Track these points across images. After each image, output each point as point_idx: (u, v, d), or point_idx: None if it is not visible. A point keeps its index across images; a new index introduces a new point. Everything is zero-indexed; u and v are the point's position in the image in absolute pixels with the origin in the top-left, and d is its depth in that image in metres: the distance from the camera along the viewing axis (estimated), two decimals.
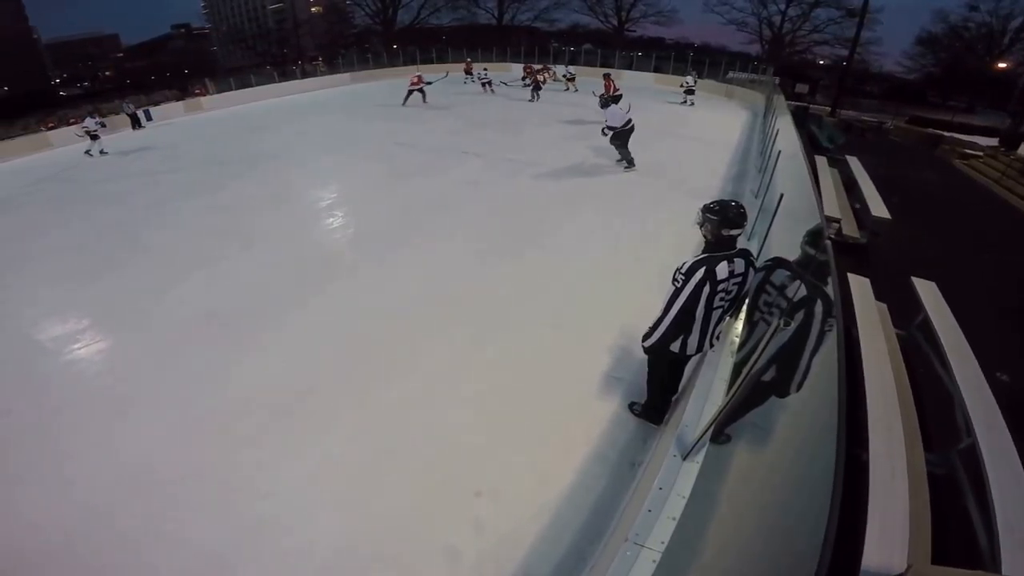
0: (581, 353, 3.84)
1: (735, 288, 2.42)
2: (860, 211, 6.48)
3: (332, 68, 24.79)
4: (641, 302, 4.32)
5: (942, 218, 8.07)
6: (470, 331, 4.22)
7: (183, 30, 69.01)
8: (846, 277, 3.88)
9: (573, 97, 17.26)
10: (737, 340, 2.65)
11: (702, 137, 11.27)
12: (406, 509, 2.71)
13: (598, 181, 8.04)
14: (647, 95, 17.91)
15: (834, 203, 6.12)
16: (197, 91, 19.95)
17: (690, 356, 2.63)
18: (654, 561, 1.98)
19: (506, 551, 2.46)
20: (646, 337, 2.64)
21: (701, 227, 2.47)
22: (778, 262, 2.49)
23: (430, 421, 3.30)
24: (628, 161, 8.40)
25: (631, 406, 3.30)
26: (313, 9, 53.04)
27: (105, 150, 12.49)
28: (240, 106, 18.91)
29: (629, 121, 8.05)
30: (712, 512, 2.11)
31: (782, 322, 1.93)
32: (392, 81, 22.03)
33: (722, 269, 2.34)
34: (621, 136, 8.17)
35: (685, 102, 15.74)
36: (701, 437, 2.25)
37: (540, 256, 5.56)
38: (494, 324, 4.31)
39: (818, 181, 6.05)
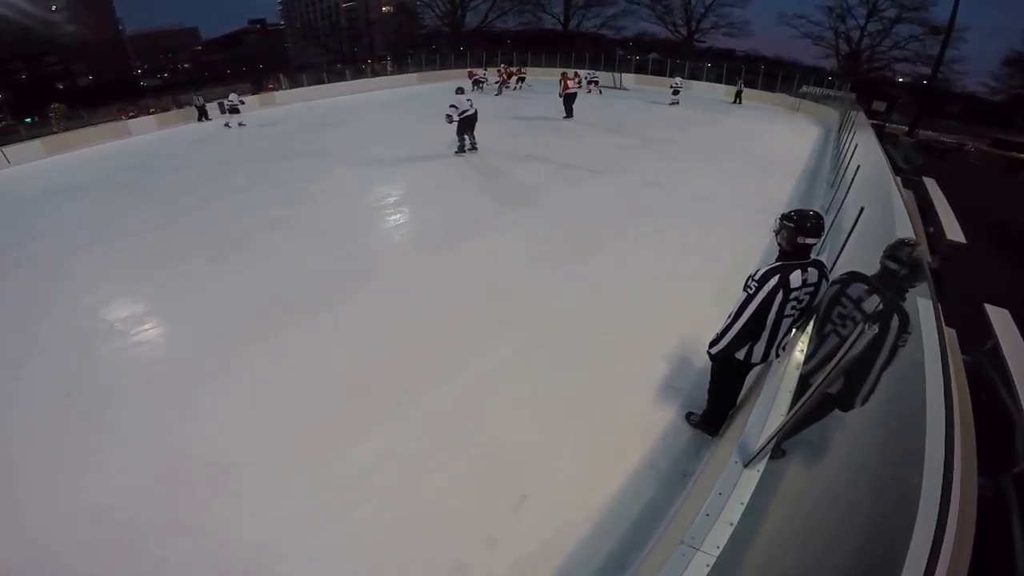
0: (638, 361, 3.88)
1: (807, 298, 2.43)
2: (933, 235, 6.18)
3: (400, 68, 25.67)
4: (701, 314, 4.35)
5: (1020, 246, 7.61)
6: (525, 334, 4.33)
7: (258, 25, 73.03)
8: (914, 301, 3.77)
9: (637, 104, 17.21)
10: (803, 352, 2.66)
11: (770, 152, 10.99)
12: (450, 506, 2.78)
13: (660, 192, 8.00)
14: (716, 107, 17.61)
15: (907, 225, 5.86)
16: (270, 85, 21.23)
17: (754, 364, 2.63)
18: (708, 565, 2.03)
19: (545, 555, 2.50)
20: (713, 344, 2.67)
21: (777, 235, 2.50)
22: (855, 276, 2.42)
23: (482, 421, 3.39)
24: (460, 148, 9.99)
25: (688, 416, 3.32)
26: (384, 9, 54.83)
27: (243, 123, 14.55)
28: (311, 102, 19.96)
29: (468, 110, 9.52)
30: (768, 522, 2.14)
31: (866, 326, 1.89)
32: (459, 83, 22.51)
33: (795, 278, 2.35)
34: (465, 123, 9.69)
35: (673, 103, 17.41)
36: (765, 446, 2.29)
37: (600, 263, 5.61)
38: (551, 328, 4.40)
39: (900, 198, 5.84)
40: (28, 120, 22.40)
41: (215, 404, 3.70)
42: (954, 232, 5.86)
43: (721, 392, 2.95)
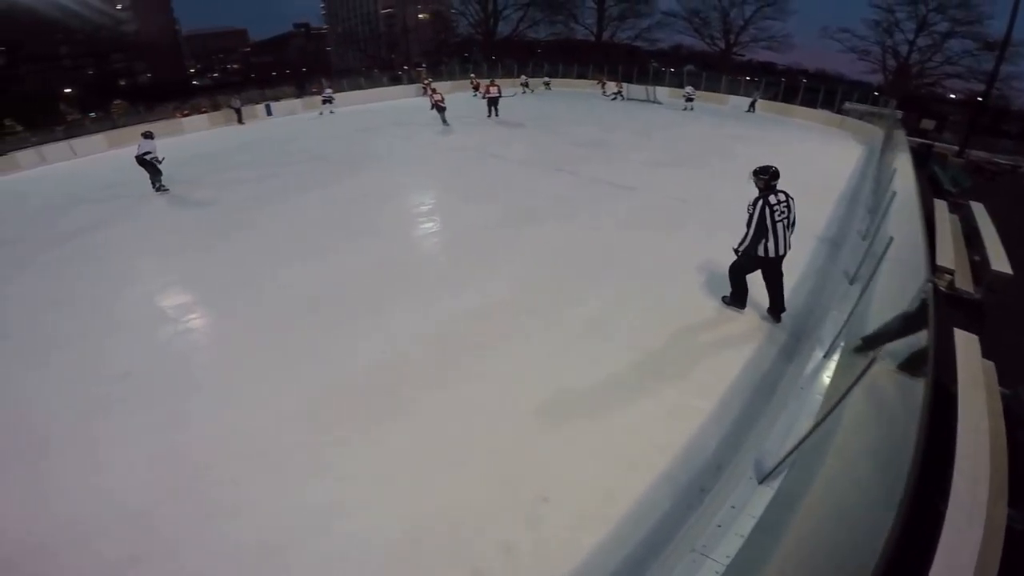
0: (665, 378, 3.93)
1: (785, 210, 4.26)
2: (979, 264, 5.94)
3: (435, 75, 26.25)
4: (724, 333, 4.39)
5: None
6: (554, 340, 4.44)
7: (303, 29, 75.52)
8: (952, 333, 3.69)
9: (670, 117, 17.13)
10: (829, 379, 2.69)
11: (807, 171, 10.57)
12: (471, 504, 2.89)
13: (689, 209, 7.93)
14: (752, 122, 17.35)
15: (950, 253, 5.67)
16: (314, 89, 21.97)
17: (772, 258, 4.29)
18: (717, 572, 2.10)
19: (561, 556, 2.58)
20: (740, 245, 4.38)
21: (756, 182, 4.36)
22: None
23: (509, 423, 3.50)
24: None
25: (724, 298, 4.89)
26: (420, 16, 55.99)
27: (333, 111, 16.31)
28: (351, 107, 20.65)
29: None
30: (778, 537, 2.19)
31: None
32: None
33: (772, 198, 4.21)
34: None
35: (686, 108, 18.29)
36: (779, 465, 2.34)
37: (632, 278, 5.60)
38: (579, 337, 4.49)
39: (933, 228, 5.64)
40: (92, 115, 23.87)
41: (250, 395, 3.96)
42: (1001, 262, 5.63)
43: (742, 280, 4.65)
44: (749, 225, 4.20)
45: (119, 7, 54.24)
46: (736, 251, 4.44)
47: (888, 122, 13.59)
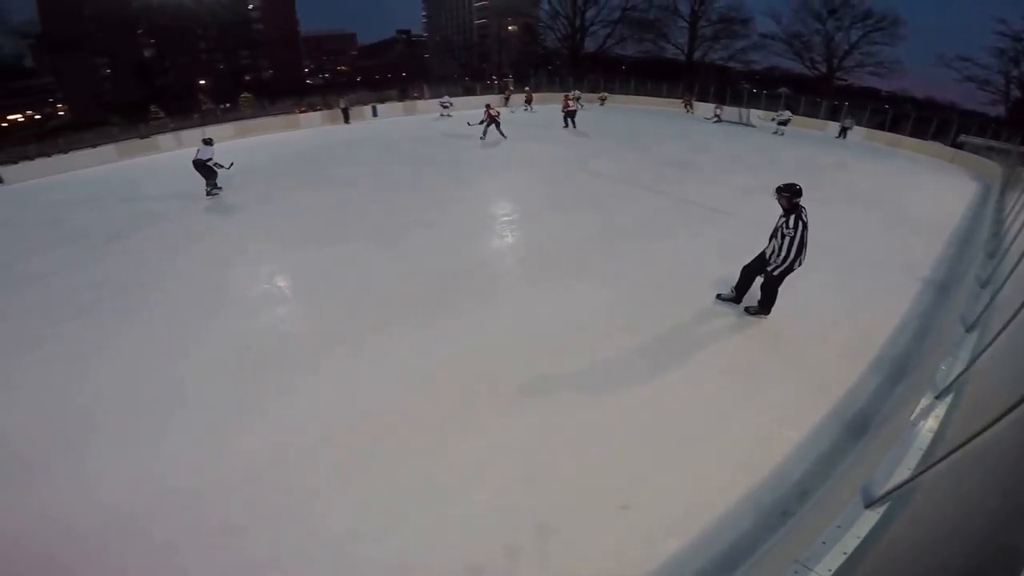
0: (756, 405, 3.96)
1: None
2: None
3: (522, 86, 27.06)
4: (825, 373, 4.33)
5: None
6: (648, 357, 4.52)
7: (404, 36, 79.87)
8: None
9: (764, 142, 16.63)
10: (940, 420, 2.74)
11: (916, 207, 10.00)
12: (551, 509, 3.00)
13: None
14: (851, 151, 16.40)
15: None
16: (415, 94, 23.42)
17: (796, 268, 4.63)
18: None
19: (636, 564, 2.69)
20: (775, 270, 4.65)
21: (779, 200, 4.54)
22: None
23: (598, 431, 3.65)
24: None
25: (747, 309, 5.15)
26: (510, 28, 57.54)
27: (450, 114, 17.55)
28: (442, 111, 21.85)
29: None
30: (882, 557, 2.28)
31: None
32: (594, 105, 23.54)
33: (804, 217, 4.50)
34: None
35: (776, 132, 18.15)
36: (889, 493, 2.45)
37: (729, 304, 5.48)
38: (672, 357, 4.54)
39: None
40: (223, 106, 26.86)
41: (341, 382, 4.35)
42: None
43: (773, 293, 4.93)
44: (790, 248, 4.45)
45: (250, 7, 60.47)
46: (774, 273, 4.69)
47: (1010, 158, 12.39)
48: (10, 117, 42.56)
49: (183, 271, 6.78)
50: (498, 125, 15.47)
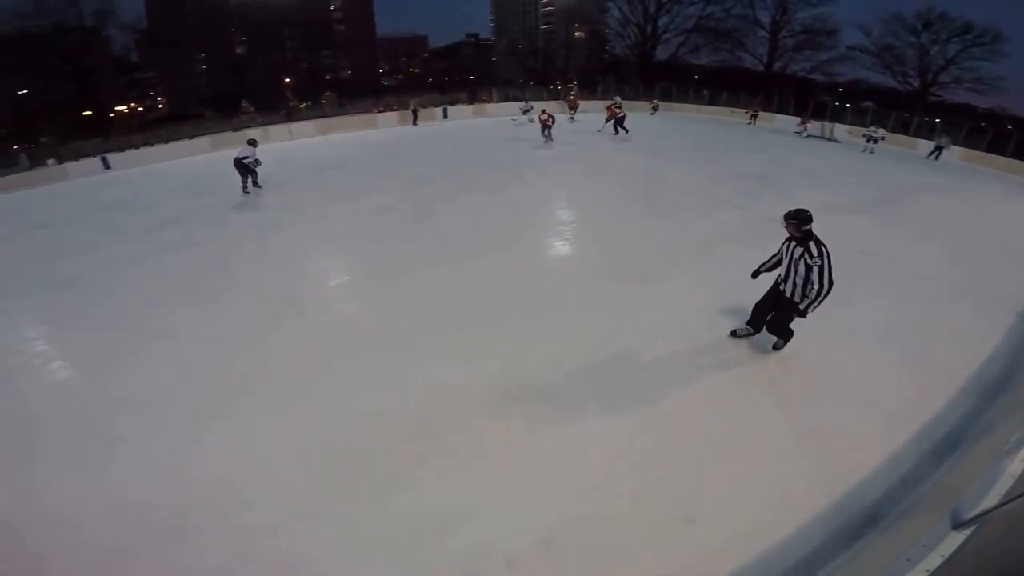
0: (832, 427, 3.91)
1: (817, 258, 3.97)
2: None
3: (588, 93, 27.10)
4: (906, 400, 4.21)
5: None
6: (721, 373, 4.49)
7: (473, 39, 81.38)
8: None
9: (850, 158, 15.83)
10: None
11: (1011, 236, 9.05)
12: (619, 519, 3.05)
13: (875, 263, 7.11)
14: (943, 171, 15.10)
15: None
16: (483, 97, 24.09)
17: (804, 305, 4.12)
18: None
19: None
20: (808, 307, 4.09)
21: (788, 227, 4.11)
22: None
23: (667, 447, 3.68)
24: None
25: (775, 345, 4.72)
26: (576, 34, 57.36)
27: (532, 119, 17.88)
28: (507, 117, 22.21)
29: None
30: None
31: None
32: (645, 114, 23.21)
33: (825, 246, 3.96)
34: None
35: (866, 150, 16.90)
36: (977, 517, 2.49)
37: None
38: (743, 375, 4.51)
39: None
40: (306, 104, 28.77)
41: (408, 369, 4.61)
42: None
43: (790, 324, 4.43)
44: (821, 276, 3.94)
45: (332, 7, 64.06)
46: (804, 311, 4.13)
47: None
48: (117, 108, 47.05)
49: (271, 258, 7.49)
50: (548, 128, 15.94)
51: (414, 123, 21.23)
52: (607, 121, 17.33)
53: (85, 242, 9.10)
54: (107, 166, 18.35)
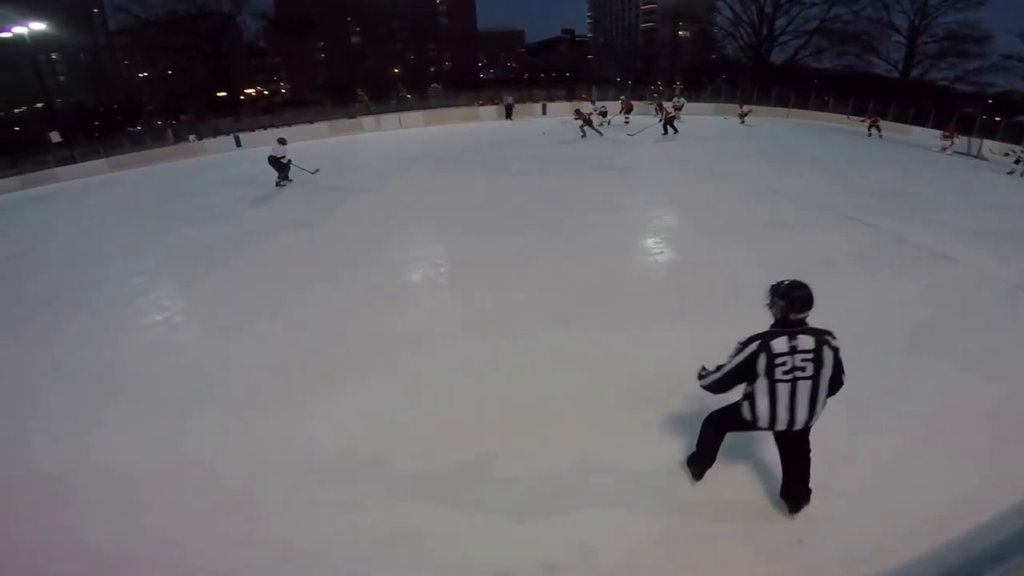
0: (968, 460, 3.59)
1: (807, 364, 2.50)
2: None
3: (694, 95, 25.90)
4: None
5: None
6: (848, 408, 4.14)
7: (569, 36, 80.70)
8: None
9: (1001, 180, 13.83)
10: None
11: None
12: (728, 536, 2.98)
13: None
14: None
15: None
16: (582, 96, 23.84)
17: (765, 428, 2.69)
18: None
19: None
20: (700, 376, 2.88)
21: (771, 308, 2.64)
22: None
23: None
24: None
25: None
26: (681, 33, 55.03)
27: (611, 122, 18.20)
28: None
29: None
30: None
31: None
32: (765, 120, 21.78)
33: (780, 343, 2.49)
34: None
35: (1013, 172, 13.88)
36: None
37: (951, 362, 4.77)
38: (872, 409, 4.14)
39: None
40: (413, 95, 30.23)
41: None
42: None
43: (710, 438, 3.10)
44: (719, 368, 2.73)
45: (439, 2, 66.68)
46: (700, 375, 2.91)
47: None
48: (246, 91, 52.13)
49: (384, 239, 8.13)
50: (588, 124, 16.69)
51: (507, 117, 21.43)
52: (660, 121, 17.32)
53: (219, 212, 10.37)
54: (238, 144, 20.54)
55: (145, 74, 50.18)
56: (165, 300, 6.69)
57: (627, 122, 19.50)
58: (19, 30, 21.04)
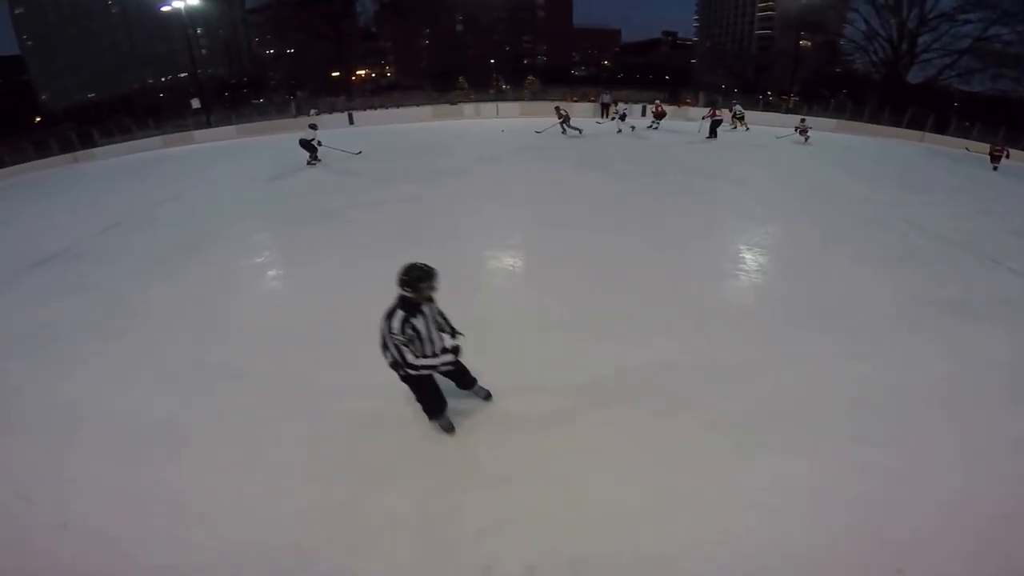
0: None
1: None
2: None
3: (816, 109, 23.85)
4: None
5: None
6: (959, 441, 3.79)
7: (670, 38, 77.42)
8: None
9: None
10: None
11: None
12: (829, 562, 2.88)
13: None
14: None
15: None
16: (687, 101, 22.68)
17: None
18: None
19: None
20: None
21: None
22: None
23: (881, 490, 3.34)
24: None
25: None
26: (802, 43, 50.87)
27: (633, 126, 17.64)
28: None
29: None
30: None
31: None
32: (896, 142, 19.73)
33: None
34: None
35: None
36: None
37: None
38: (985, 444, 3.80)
39: None
40: (509, 86, 30.57)
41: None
42: None
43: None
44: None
45: None
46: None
47: None
48: (358, 72, 55.08)
49: (472, 222, 8.52)
50: (566, 123, 16.58)
51: (603, 115, 20.58)
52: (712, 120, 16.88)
53: (336, 184, 11.09)
54: (351, 122, 21.88)
55: (272, 51, 54.82)
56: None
57: (654, 127, 18.37)
58: (177, 4, 23.71)
